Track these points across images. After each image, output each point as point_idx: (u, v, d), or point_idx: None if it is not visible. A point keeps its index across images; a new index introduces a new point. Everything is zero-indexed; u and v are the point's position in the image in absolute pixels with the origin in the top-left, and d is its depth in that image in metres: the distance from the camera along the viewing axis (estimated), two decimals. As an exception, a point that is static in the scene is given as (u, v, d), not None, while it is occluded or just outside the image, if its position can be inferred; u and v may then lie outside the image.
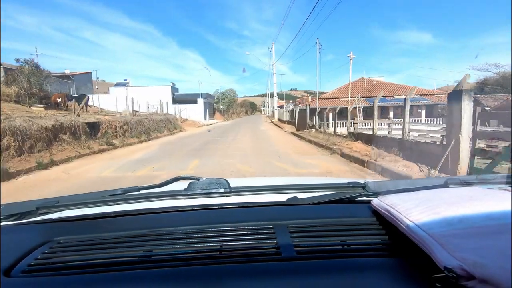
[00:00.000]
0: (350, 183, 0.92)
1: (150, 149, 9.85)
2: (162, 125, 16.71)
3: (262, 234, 0.67)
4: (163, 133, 15.84)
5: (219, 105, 55.13)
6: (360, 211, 0.79)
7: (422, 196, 0.69)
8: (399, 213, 0.62)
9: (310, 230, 0.68)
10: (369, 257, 0.58)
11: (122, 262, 0.59)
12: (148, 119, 14.74)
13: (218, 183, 0.85)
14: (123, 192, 0.86)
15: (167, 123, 17.97)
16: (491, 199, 0.62)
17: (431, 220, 0.55)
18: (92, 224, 0.78)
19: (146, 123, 14.36)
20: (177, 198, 0.84)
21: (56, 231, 0.74)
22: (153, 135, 14.20)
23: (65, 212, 0.82)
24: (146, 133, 13.68)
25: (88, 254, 0.61)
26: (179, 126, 20.36)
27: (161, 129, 16.11)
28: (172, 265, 0.57)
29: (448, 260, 0.44)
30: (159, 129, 15.87)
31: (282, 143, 11.05)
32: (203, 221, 0.74)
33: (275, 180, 1.89)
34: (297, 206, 0.84)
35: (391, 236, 0.64)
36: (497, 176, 0.85)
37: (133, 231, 0.70)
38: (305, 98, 49.22)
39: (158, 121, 16.29)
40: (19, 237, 0.73)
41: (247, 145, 10.38)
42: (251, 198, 0.89)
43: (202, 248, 0.62)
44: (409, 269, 0.53)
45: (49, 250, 0.64)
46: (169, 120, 18.53)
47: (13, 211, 0.80)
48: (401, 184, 0.87)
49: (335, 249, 0.61)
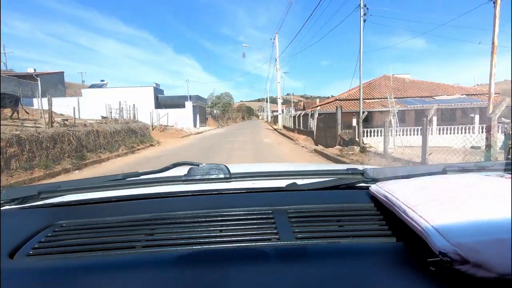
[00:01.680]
0: (349, 169, 0.92)
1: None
2: (118, 138, 11.06)
3: (262, 219, 0.67)
4: (116, 152, 10.18)
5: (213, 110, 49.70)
6: (358, 197, 0.79)
7: (420, 183, 0.69)
8: (397, 199, 0.62)
9: (309, 215, 0.69)
10: (367, 241, 0.59)
11: (124, 246, 0.59)
12: (85, 131, 9.03)
13: (218, 169, 0.84)
14: (124, 177, 0.87)
15: (130, 135, 12.32)
16: (489, 186, 0.62)
17: (428, 206, 0.55)
18: (93, 208, 0.79)
19: (82, 137, 8.69)
20: (177, 183, 0.83)
21: (59, 215, 0.74)
22: (92, 158, 8.55)
23: (67, 197, 0.83)
24: (77, 155, 7.99)
25: (91, 238, 0.62)
26: (151, 138, 14.68)
27: (114, 146, 10.44)
28: (173, 248, 0.58)
29: (443, 245, 0.45)
30: (110, 146, 10.21)
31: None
32: (203, 206, 0.75)
33: (275, 166, 1.78)
34: (297, 192, 0.84)
35: (389, 222, 0.64)
36: (496, 163, 0.85)
37: (134, 216, 0.71)
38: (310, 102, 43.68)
39: (111, 133, 10.61)
40: (22, 221, 0.73)
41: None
42: (251, 184, 0.90)
43: (202, 232, 0.63)
44: (405, 253, 0.54)
45: (53, 234, 0.65)
46: (134, 131, 12.86)
47: (15, 195, 0.80)
48: (399, 170, 0.89)
49: (333, 234, 0.61)
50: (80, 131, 8.76)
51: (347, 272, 0.50)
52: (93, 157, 8.71)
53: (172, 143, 14.72)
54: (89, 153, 8.76)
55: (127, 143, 11.58)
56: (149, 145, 13.37)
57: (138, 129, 13.35)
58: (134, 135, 12.73)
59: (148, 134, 14.61)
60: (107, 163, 8.73)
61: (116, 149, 10.43)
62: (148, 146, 13.08)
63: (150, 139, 14.33)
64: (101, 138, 9.88)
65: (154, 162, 8.54)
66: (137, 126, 13.41)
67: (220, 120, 45.86)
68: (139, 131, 13.44)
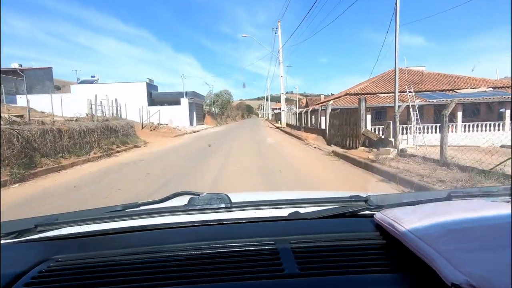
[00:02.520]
0: (352, 196, 0.90)
1: None
2: (91, 139, 9.03)
3: (265, 251, 0.65)
4: (85, 155, 8.15)
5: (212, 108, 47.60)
6: (363, 225, 0.77)
7: (426, 210, 0.68)
8: (403, 227, 0.61)
9: (312, 246, 0.67)
10: (374, 273, 0.57)
11: (122, 280, 0.57)
12: (40, 131, 6.97)
13: (219, 198, 0.84)
14: (123, 209, 0.85)
15: (109, 135, 10.28)
16: (495, 211, 0.61)
17: (436, 234, 0.54)
18: (91, 241, 0.77)
19: (34, 138, 6.65)
20: (178, 214, 0.82)
21: (55, 249, 0.73)
22: (48, 165, 6.51)
23: (64, 230, 0.81)
24: (21, 162, 5.93)
25: (86, 275, 0.60)
26: (136, 138, 12.63)
27: (84, 149, 8.41)
28: (174, 282, 0.56)
29: (455, 275, 0.44)
30: (79, 149, 8.18)
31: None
32: (204, 237, 0.73)
33: (277, 194, 1.68)
34: (299, 221, 0.82)
35: (396, 251, 0.62)
36: (500, 188, 0.84)
37: (133, 248, 0.69)
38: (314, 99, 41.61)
39: (80, 132, 8.57)
40: (18, 255, 0.72)
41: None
42: (253, 213, 0.87)
43: (203, 265, 0.61)
44: (415, 285, 0.53)
45: (47, 269, 0.63)
46: (114, 130, 10.82)
47: (12, 228, 0.78)
48: (404, 197, 0.88)
49: (338, 265, 0.59)
50: (32, 130, 6.70)
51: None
52: (48, 163, 6.67)
53: (161, 144, 12.68)
54: (44, 159, 6.71)
55: (104, 144, 9.55)
56: (133, 146, 11.34)
57: (119, 128, 11.29)
58: (114, 135, 10.69)
59: (133, 133, 12.57)
60: (69, 171, 6.70)
61: (87, 152, 8.40)
62: (131, 148, 11.04)
63: (135, 139, 12.28)
64: (65, 140, 7.84)
65: (127, 171, 6.49)
66: (118, 124, 11.35)
67: (218, 118, 43.69)
68: (121, 130, 11.39)
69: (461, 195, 0.81)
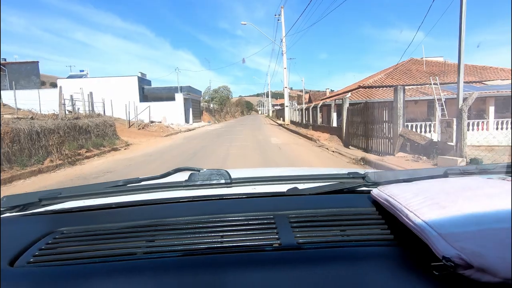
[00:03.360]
0: (350, 173, 0.91)
1: None
2: (49, 142, 7.04)
3: (263, 225, 0.66)
4: (35, 165, 6.17)
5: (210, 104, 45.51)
6: (360, 201, 0.78)
7: (422, 187, 0.69)
8: (399, 203, 0.62)
9: (310, 221, 0.68)
10: (369, 246, 0.58)
11: (124, 252, 0.59)
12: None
13: (219, 174, 0.85)
14: (125, 184, 0.86)
15: (77, 137, 8.29)
16: (491, 189, 0.61)
17: (430, 210, 0.55)
18: (94, 215, 0.78)
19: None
20: (178, 189, 0.83)
21: (59, 222, 0.73)
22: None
23: (68, 204, 0.82)
24: None
25: (92, 245, 0.62)
26: (116, 140, 10.61)
27: (35, 156, 6.43)
28: (174, 255, 0.57)
29: (446, 249, 0.45)
30: (26, 157, 6.20)
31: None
32: (204, 211, 0.74)
33: (276, 170, 1.77)
34: (298, 196, 0.83)
35: (391, 226, 0.64)
36: (497, 166, 0.84)
37: (135, 222, 0.70)
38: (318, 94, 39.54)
39: (31, 135, 6.58)
40: (23, 228, 0.72)
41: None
42: (252, 189, 0.89)
43: (203, 238, 0.62)
44: (408, 258, 0.54)
45: (53, 241, 0.64)
46: (86, 130, 8.82)
47: (16, 202, 0.79)
48: (401, 174, 0.87)
49: (335, 239, 0.61)
50: None
51: (349, 277, 0.50)
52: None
53: (146, 146, 10.70)
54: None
55: (69, 148, 7.58)
56: (110, 149, 9.36)
57: (93, 127, 9.30)
58: (84, 136, 8.71)
59: (112, 133, 10.57)
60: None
61: (39, 161, 6.43)
62: (107, 151, 9.07)
63: (114, 141, 10.28)
64: (6, 144, 5.87)
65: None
66: (92, 123, 9.35)
67: (217, 115, 41.59)
68: (95, 129, 9.40)
69: (458, 172, 0.82)
